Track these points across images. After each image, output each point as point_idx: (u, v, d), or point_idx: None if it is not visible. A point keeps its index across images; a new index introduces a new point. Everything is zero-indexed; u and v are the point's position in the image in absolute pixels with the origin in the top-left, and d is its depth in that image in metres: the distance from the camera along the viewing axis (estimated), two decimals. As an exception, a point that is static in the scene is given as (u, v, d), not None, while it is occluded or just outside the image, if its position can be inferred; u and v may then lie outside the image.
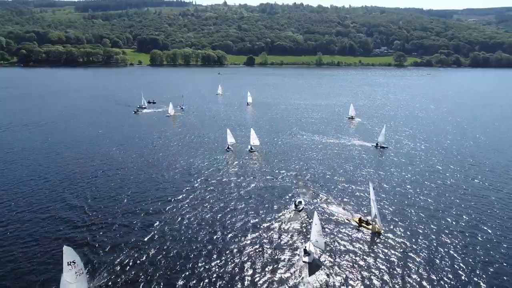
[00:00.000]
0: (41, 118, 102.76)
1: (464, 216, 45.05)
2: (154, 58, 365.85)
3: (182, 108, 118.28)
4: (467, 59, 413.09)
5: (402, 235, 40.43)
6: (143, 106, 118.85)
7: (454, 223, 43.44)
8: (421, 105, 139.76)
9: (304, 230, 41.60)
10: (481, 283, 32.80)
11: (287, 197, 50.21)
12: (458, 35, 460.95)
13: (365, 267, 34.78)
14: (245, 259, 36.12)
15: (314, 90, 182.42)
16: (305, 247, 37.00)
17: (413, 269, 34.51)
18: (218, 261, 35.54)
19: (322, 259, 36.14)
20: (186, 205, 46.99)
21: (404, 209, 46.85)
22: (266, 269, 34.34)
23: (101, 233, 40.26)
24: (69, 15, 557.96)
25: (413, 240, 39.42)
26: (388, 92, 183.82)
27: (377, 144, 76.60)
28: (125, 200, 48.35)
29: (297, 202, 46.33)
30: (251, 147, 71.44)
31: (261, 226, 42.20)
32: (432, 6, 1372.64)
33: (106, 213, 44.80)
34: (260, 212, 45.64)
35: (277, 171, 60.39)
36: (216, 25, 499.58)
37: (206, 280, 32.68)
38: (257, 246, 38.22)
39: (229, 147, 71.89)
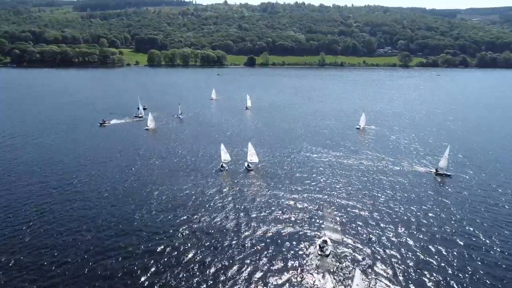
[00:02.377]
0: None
1: None
2: (152, 58, 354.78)
3: (179, 117, 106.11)
4: (473, 59, 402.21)
5: None
6: (139, 115, 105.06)
7: None
8: (455, 113, 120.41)
9: (337, 283, 31.30)
10: None
11: (308, 237, 39.42)
12: (464, 34, 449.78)
13: None
14: None
15: (319, 92, 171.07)
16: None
17: None
18: None
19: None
20: (170, 255, 36.03)
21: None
22: None
23: (57, 281, 30.13)
24: (67, 14, 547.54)
25: None
26: (404, 95, 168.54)
27: (436, 170, 59.58)
28: (88, 246, 37.40)
29: (321, 243, 36.09)
30: (248, 165, 61.28)
31: (276, 282, 31.81)
32: (435, 5, 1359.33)
33: (67, 256, 34.73)
34: (272, 259, 35.10)
35: (286, 196, 49.64)
36: (216, 24, 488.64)
37: None
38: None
39: (223, 165, 61.34)
